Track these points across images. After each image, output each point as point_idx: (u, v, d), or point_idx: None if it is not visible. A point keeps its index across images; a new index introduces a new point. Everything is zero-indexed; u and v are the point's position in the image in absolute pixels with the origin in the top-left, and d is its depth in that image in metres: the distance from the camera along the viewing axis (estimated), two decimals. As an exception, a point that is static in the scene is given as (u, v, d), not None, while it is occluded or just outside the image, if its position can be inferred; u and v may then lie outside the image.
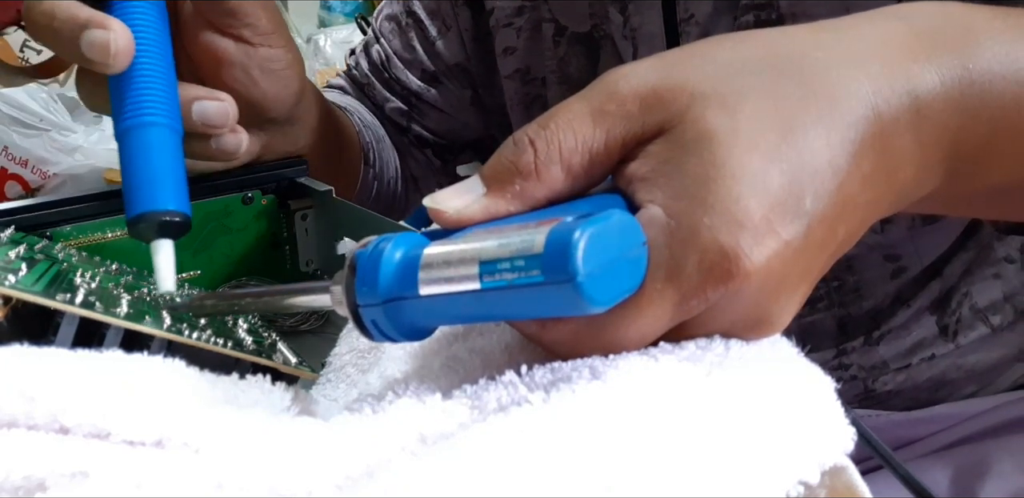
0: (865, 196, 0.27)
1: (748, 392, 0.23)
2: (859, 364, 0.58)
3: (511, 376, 0.25)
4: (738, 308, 0.25)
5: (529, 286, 0.23)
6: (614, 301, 0.24)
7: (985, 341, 0.57)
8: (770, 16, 0.52)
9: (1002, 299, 0.57)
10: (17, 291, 0.30)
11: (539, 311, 0.24)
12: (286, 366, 0.35)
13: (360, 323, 0.27)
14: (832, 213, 0.25)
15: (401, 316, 0.26)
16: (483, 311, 0.25)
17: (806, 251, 0.25)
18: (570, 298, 0.23)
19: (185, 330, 0.33)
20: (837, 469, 0.23)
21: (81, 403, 0.23)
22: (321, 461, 0.22)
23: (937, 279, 0.56)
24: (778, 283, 0.25)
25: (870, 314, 0.57)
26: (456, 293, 0.25)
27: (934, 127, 0.28)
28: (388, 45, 0.72)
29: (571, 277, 0.22)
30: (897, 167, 0.28)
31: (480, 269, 0.24)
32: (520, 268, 0.23)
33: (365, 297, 0.26)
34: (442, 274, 0.25)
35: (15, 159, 1.04)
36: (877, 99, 0.27)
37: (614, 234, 0.24)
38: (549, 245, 0.23)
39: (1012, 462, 0.54)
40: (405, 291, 0.25)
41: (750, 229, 0.24)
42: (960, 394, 0.59)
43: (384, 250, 0.26)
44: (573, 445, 0.21)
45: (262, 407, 0.28)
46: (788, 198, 0.25)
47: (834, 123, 0.26)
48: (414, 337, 0.27)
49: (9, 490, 0.22)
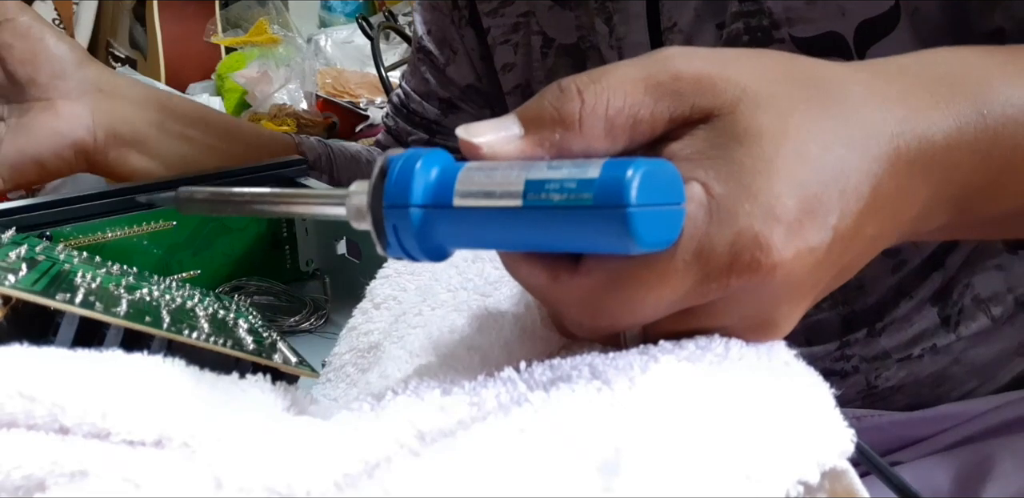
0: (873, 229, 0.27)
1: (747, 392, 0.23)
2: (861, 355, 0.58)
3: (510, 373, 0.25)
4: (752, 303, 0.25)
5: (577, 210, 0.23)
6: (654, 246, 0.24)
7: (985, 334, 0.57)
8: (761, 22, 0.52)
9: (1004, 290, 0.57)
10: (17, 291, 0.30)
11: (577, 242, 0.23)
12: (286, 366, 0.35)
13: (380, 228, 0.25)
14: (848, 234, 0.26)
15: (428, 227, 0.25)
16: (517, 234, 0.24)
17: (823, 263, 0.26)
18: (617, 228, 0.22)
19: (185, 330, 0.33)
20: (837, 472, 0.23)
21: (81, 403, 0.23)
22: (320, 460, 0.22)
23: (939, 270, 0.56)
24: (794, 286, 0.25)
25: (873, 308, 0.58)
26: (495, 208, 0.24)
27: (945, 169, 0.30)
28: (406, 85, 0.75)
29: (625, 204, 0.22)
30: (904, 207, 0.29)
31: (526, 186, 0.23)
32: (571, 190, 0.23)
33: (393, 197, 0.25)
34: (483, 187, 0.24)
35: (16, 159, 1.04)
36: (899, 141, 0.28)
37: (664, 181, 0.24)
38: (606, 171, 0.23)
39: (1015, 462, 0.54)
40: (440, 199, 0.24)
41: (785, 226, 0.24)
42: (961, 390, 0.59)
43: (422, 156, 0.25)
44: (572, 445, 0.21)
45: (262, 407, 0.28)
46: (820, 208, 0.25)
47: (863, 153, 0.27)
48: (431, 255, 0.26)
49: (9, 490, 0.22)
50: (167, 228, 0.49)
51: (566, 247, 0.24)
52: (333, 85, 1.28)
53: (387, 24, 1.35)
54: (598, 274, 0.25)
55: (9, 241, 0.40)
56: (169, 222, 0.49)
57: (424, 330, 0.39)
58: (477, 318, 0.32)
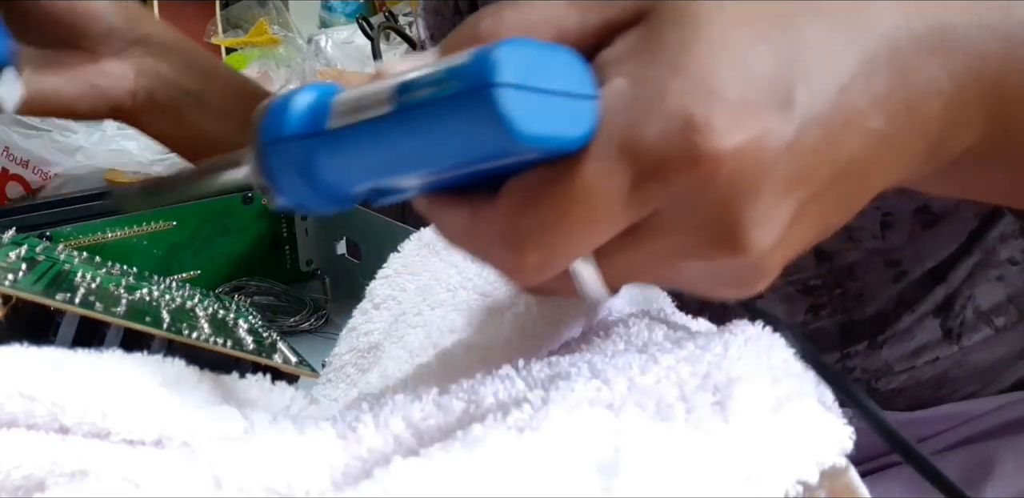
0: (877, 121, 0.22)
1: (746, 392, 0.23)
2: (862, 367, 0.58)
3: (508, 371, 0.25)
4: (704, 207, 0.21)
5: (445, 101, 0.20)
6: (544, 140, 0.20)
7: (988, 342, 0.57)
8: None
9: (1005, 300, 0.56)
10: (17, 290, 0.30)
11: (456, 143, 0.20)
12: (286, 365, 0.35)
13: (270, 176, 0.23)
14: (832, 119, 0.22)
15: (309, 158, 0.22)
16: (396, 146, 0.21)
17: (796, 151, 0.21)
18: (487, 113, 0.19)
19: (185, 330, 0.33)
20: (836, 470, 0.23)
21: (81, 403, 0.23)
22: (319, 460, 0.22)
23: (941, 284, 0.56)
24: (755, 181, 0.21)
25: (873, 319, 0.57)
26: (367, 120, 0.21)
27: (966, 55, 0.24)
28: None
29: (490, 83, 0.19)
30: (920, 98, 0.23)
31: (398, 89, 0.21)
32: (439, 80, 0.20)
33: (270, 132, 0.23)
34: (356, 101, 0.21)
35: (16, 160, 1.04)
36: (898, 13, 0.23)
37: (556, 65, 0.20)
38: (476, 53, 0.20)
39: (1016, 462, 0.54)
40: (315, 125, 0.22)
41: (726, 103, 0.20)
42: (963, 392, 0.59)
43: (299, 90, 0.23)
44: (571, 445, 0.21)
45: (261, 406, 0.28)
46: (775, 82, 0.21)
47: (841, 24, 0.22)
48: (327, 198, 0.23)
49: (9, 490, 0.22)
50: (167, 228, 0.49)
51: (450, 155, 0.21)
52: (333, 85, 1.28)
53: (387, 24, 1.35)
54: (515, 194, 0.21)
55: (9, 241, 0.40)
56: (169, 222, 0.49)
57: (424, 330, 0.39)
58: (477, 317, 0.32)
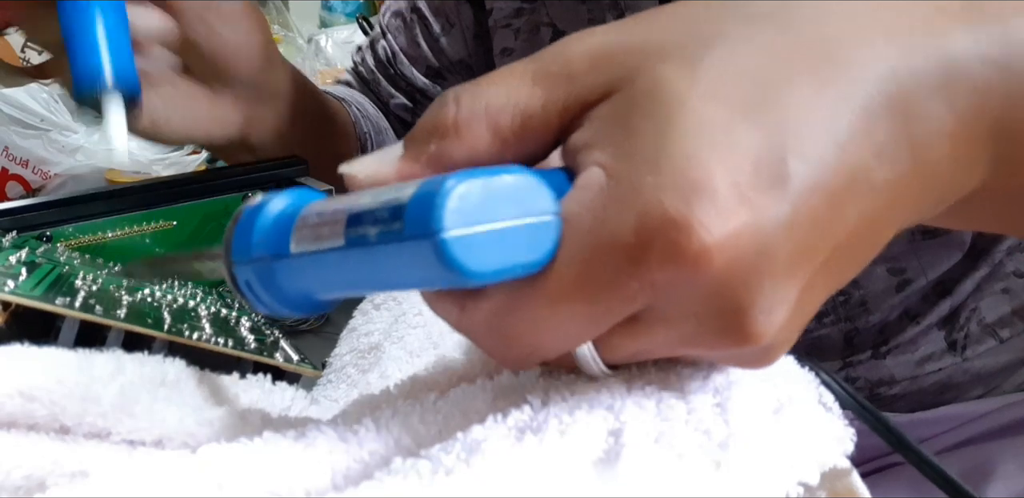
0: (883, 173, 0.21)
1: (746, 393, 0.23)
2: (866, 377, 0.58)
3: (507, 372, 0.25)
4: (700, 299, 0.20)
5: (391, 242, 0.20)
6: (498, 275, 0.20)
7: (993, 351, 0.57)
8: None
9: (1010, 313, 0.56)
10: (16, 297, 0.29)
11: (408, 277, 0.20)
12: (288, 364, 0.35)
13: (240, 290, 0.24)
14: (834, 184, 0.20)
15: (274, 278, 0.23)
16: (353, 274, 0.21)
17: (796, 227, 0.20)
18: (434, 260, 0.19)
19: (186, 331, 0.33)
20: (837, 471, 0.23)
21: (81, 403, 0.23)
22: (319, 462, 0.22)
23: (947, 297, 0.56)
24: (755, 268, 0.19)
25: (877, 328, 0.57)
26: (323, 251, 0.21)
27: (971, 92, 0.23)
28: (394, 41, 0.71)
29: (433, 232, 0.19)
30: (926, 141, 0.22)
31: (347, 221, 0.21)
32: (384, 220, 0.20)
33: (238, 253, 0.23)
34: (314, 229, 0.22)
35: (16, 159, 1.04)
36: (892, 52, 0.22)
37: (507, 193, 0.20)
38: (417, 194, 0.19)
39: (1017, 464, 0.54)
40: (279, 248, 0.23)
41: (709, 193, 0.19)
42: (965, 397, 0.59)
43: (268, 203, 0.23)
44: (571, 446, 0.21)
45: (262, 407, 0.28)
46: (764, 158, 0.19)
47: (832, 76, 0.21)
48: (301, 308, 0.23)
49: (9, 490, 0.22)
50: (168, 228, 0.49)
51: (409, 285, 0.21)
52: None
53: (388, 24, 1.35)
54: (498, 295, 0.21)
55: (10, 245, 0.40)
56: (170, 222, 0.49)
57: (424, 330, 0.39)
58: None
